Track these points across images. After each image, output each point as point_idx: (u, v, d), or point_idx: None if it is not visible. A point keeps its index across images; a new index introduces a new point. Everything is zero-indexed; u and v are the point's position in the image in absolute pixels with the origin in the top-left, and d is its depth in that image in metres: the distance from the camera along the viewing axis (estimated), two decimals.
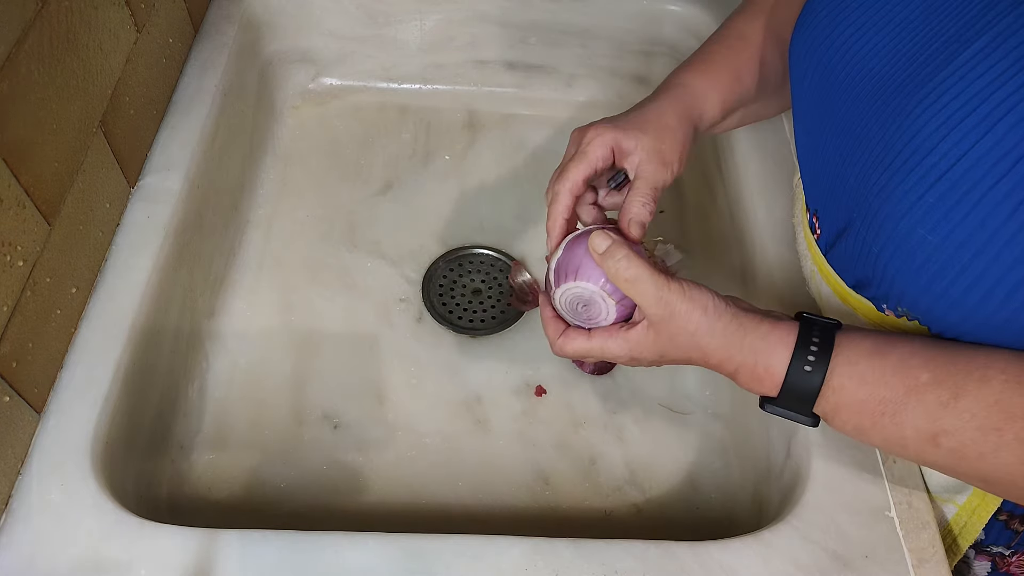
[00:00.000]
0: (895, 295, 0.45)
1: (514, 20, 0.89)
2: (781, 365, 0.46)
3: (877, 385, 0.43)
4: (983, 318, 0.41)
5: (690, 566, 0.48)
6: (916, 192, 0.41)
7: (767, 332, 0.47)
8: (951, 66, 0.41)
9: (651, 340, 0.50)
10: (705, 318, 0.47)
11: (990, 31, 0.40)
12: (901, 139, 0.42)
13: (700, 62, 0.61)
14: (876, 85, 0.45)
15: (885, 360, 0.44)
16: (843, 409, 0.45)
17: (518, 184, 0.86)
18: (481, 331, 0.73)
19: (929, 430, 0.42)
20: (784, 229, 0.66)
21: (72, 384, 0.54)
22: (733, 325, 0.47)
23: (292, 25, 0.87)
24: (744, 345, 0.47)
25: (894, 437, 0.43)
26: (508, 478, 0.65)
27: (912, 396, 0.42)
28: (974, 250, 0.39)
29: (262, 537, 0.48)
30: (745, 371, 0.47)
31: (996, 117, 0.38)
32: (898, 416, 0.42)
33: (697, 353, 0.48)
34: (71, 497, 0.49)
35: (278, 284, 0.76)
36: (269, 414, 0.67)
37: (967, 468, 0.42)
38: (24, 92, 0.49)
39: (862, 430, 0.45)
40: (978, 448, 0.40)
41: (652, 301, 0.48)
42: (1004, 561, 0.56)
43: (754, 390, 0.48)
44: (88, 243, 0.58)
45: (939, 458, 0.42)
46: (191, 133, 0.70)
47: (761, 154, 0.72)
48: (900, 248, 0.43)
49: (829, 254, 0.53)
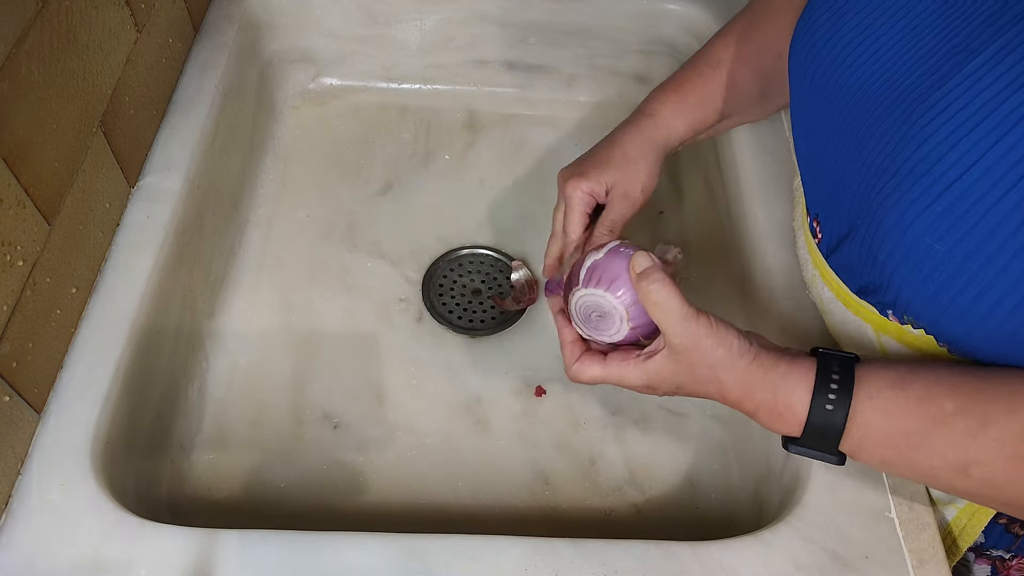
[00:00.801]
0: (901, 303, 0.45)
1: (514, 20, 0.89)
2: (802, 404, 0.45)
3: (902, 417, 0.43)
4: (991, 329, 0.40)
5: (690, 566, 0.48)
6: (924, 201, 0.40)
7: (786, 371, 0.46)
8: (959, 75, 0.40)
9: (670, 369, 0.49)
10: (729, 355, 0.47)
11: (998, 40, 0.39)
12: (908, 147, 0.41)
13: (672, 91, 0.66)
14: (879, 92, 0.45)
15: (908, 391, 0.43)
16: (868, 443, 0.44)
17: (518, 184, 0.86)
18: (481, 331, 0.73)
19: (959, 460, 0.41)
20: (784, 230, 0.66)
21: (72, 384, 0.54)
22: (755, 364, 0.47)
23: (292, 25, 0.87)
24: (765, 383, 0.46)
25: (923, 468, 0.43)
26: (508, 478, 0.65)
27: (939, 427, 0.41)
28: (982, 260, 0.39)
29: (262, 537, 0.48)
30: (765, 409, 0.46)
31: (1006, 127, 0.38)
32: (925, 447, 0.42)
33: (715, 387, 0.48)
34: (71, 497, 0.49)
35: (278, 284, 0.76)
36: (269, 414, 0.67)
37: (997, 495, 0.41)
38: (24, 92, 0.49)
39: (888, 463, 0.44)
40: (1008, 476, 0.40)
41: (678, 329, 0.47)
42: (1004, 565, 0.55)
43: (776, 430, 0.47)
44: (88, 243, 0.58)
45: (971, 487, 0.42)
46: (191, 133, 0.70)
47: (761, 155, 0.72)
48: (907, 257, 0.42)
49: (831, 259, 0.52)
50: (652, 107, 0.65)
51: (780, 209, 0.68)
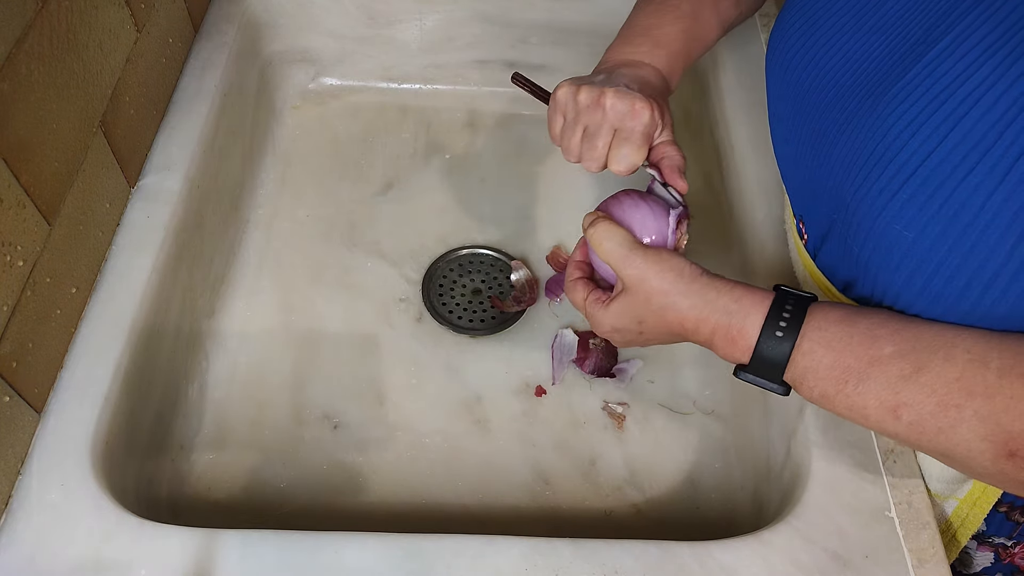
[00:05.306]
0: (879, 293, 0.46)
1: (514, 20, 0.89)
2: (754, 328, 0.46)
3: (843, 352, 0.43)
4: (964, 312, 0.41)
5: (690, 566, 0.48)
6: (890, 190, 0.42)
7: (741, 295, 0.47)
8: (918, 66, 0.41)
9: (628, 306, 0.50)
10: (680, 279, 0.48)
11: (955, 29, 0.40)
12: (873, 139, 0.43)
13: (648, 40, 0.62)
14: (850, 91, 0.46)
15: (853, 328, 0.44)
16: (810, 374, 0.44)
17: (518, 184, 0.86)
18: (481, 331, 0.73)
19: (890, 402, 0.42)
20: (783, 229, 0.66)
21: (72, 384, 0.54)
22: (709, 287, 0.48)
23: (292, 25, 0.87)
24: (718, 306, 0.47)
25: (857, 406, 0.43)
26: (508, 478, 0.65)
27: (875, 367, 0.42)
28: (949, 244, 0.40)
29: (262, 537, 0.48)
30: (720, 334, 0.47)
31: (962, 112, 0.39)
32: (861, 385, 0.43)
33: (674, 316, 0.48)
34: (71, 497, 0.49)
35: (278, 284, 0.76)
36: (269, 414, 0.67)
37: (927, 442, 0.42)
38: (24, 92, 0.49)
39: (827, 397, 0.45)
40: (937, 423, 0.41)
41: (625, 264, 0.49)
42: (1007, 552, 0.56)
43: (729, 356, 0.48)
44: (88, 243, 0.58)
45: (899, 430, 0.42)
46: (191, 133, 0.70)
47: (761, 155, 0.72)
48: (879, 245, 0.43)
49: (817, 258, 0.54)
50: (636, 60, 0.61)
51: (779, 208, 0.68)
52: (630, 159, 0.54)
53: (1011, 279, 0.39)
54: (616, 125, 0.54)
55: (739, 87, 0.78)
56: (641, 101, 0.53)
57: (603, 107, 0.53)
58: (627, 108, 0.53)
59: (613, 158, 0.54)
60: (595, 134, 0.54)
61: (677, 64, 0.61)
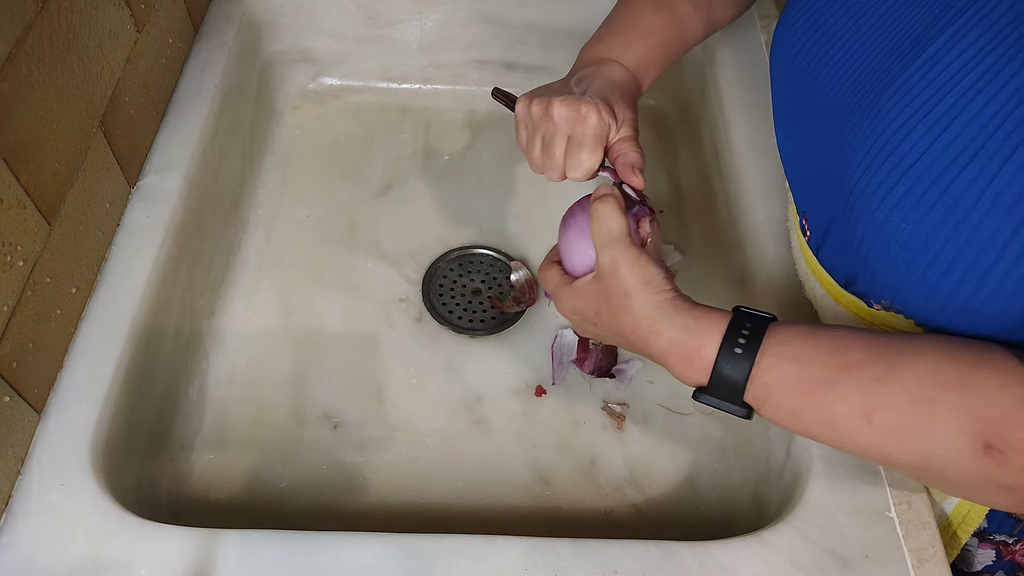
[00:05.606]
0: (878, 287, 0.46)
1: (514, 20, 0.89)
2: (712, 346, 0.45)
3: (809, 364, 0.43)
4: (960, 306, 0.41)
5: (690, 566, 0.48)
6: (889, 182, 0.42)
7: (700, 315, 0.47)
8: (917, 62, 0.42)
9: (591, 293, 0.50)
10: (644, 287, 0.47)
11: (953, 25, 0.41)
12: (873, 133, 0.43)
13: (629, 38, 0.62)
14: (851, 87, 0.46)
15: (817, 340, 0.44)
16: (774, 391, 0.43)
17: (518, 184, 0.86)
18: (481, 331, 0.73)
19: (862, 406, 0.41)
20: (783, 230, 0.66)
21: (72, 384, 0.54)
22: (667, 303, 0.47)
23: (292, 25, 0.87)
24: (675, 322, 0.46)
25: (826, 417, 0.42)
26: (508, 478, 0.65)
27: (845, 372, 0.42)
28: (944, 237, 0.40)
29: (262, 537, 0.48)
30: (675, 351, 0.46)
31: (957, 111, 0.39)
32: (831, 393, 0.42)
33: (627, 320, 0.48)
34: (71, 497, 0.49)
35: (278, 284, 0.76)
36: (269, 414, 0.67)
37: (902, 449, 0.41)
38: (24, 92, 0.49)
39: (795, 413, 0.43)
40: (912, 421, 0.40)
41: (608, 249, 0.49)
42: (1008, 550, 0.56)
43: (686, 377, 0.47)
44: (88, 243, 0.58)
45: (873, 439, 0.41)
46: (191, 133, 0.70)
47: (761, 155, 0.72)
48: (877, 238, 0.44)
49: (819, 254, 0.54)
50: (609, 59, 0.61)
51: (779, 208, 0.68)
52: (584, 165, 0.54)
53: (1004, 274, 0.39)
54: (568, 132, 0.54)
55: (738, 87, 0.78)
56: (586, 104, 0.52)
57: (551, 116, 0.53)
58: (573, 114, 0.53)
59: (569, 165, 0.54)
60: (550, 144, 0.54)
61: (652, 59, 0.61)
